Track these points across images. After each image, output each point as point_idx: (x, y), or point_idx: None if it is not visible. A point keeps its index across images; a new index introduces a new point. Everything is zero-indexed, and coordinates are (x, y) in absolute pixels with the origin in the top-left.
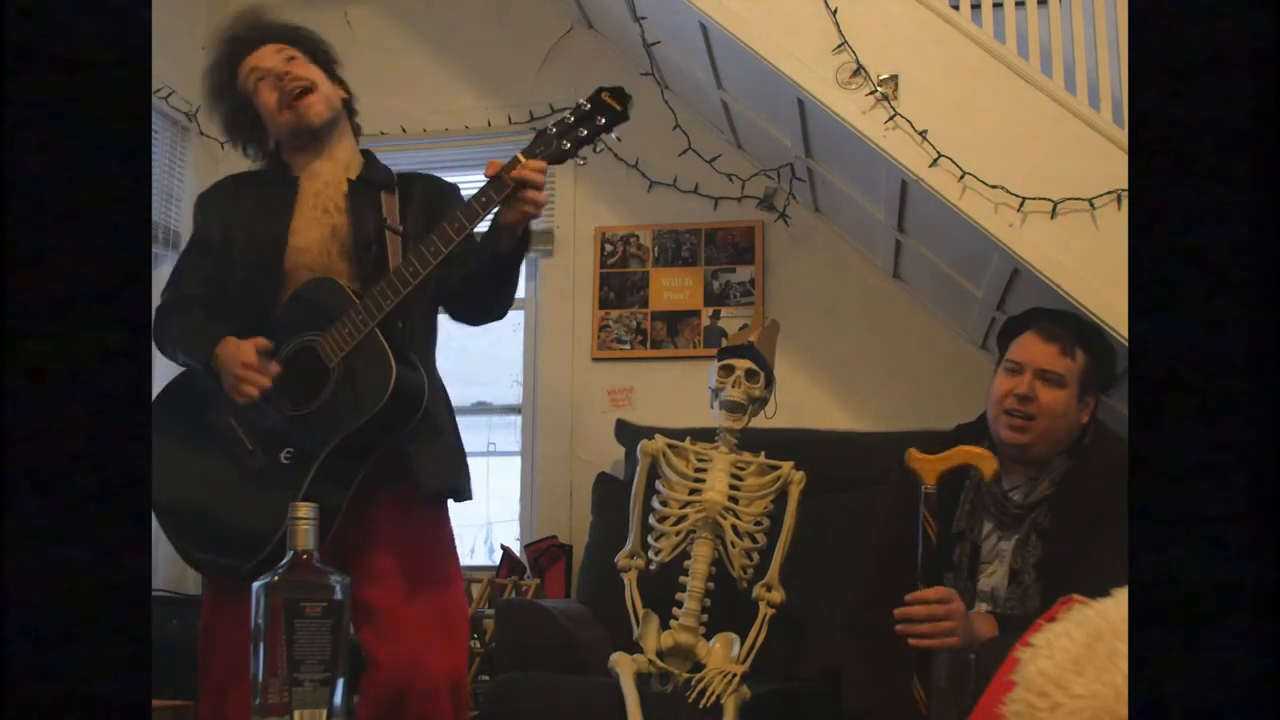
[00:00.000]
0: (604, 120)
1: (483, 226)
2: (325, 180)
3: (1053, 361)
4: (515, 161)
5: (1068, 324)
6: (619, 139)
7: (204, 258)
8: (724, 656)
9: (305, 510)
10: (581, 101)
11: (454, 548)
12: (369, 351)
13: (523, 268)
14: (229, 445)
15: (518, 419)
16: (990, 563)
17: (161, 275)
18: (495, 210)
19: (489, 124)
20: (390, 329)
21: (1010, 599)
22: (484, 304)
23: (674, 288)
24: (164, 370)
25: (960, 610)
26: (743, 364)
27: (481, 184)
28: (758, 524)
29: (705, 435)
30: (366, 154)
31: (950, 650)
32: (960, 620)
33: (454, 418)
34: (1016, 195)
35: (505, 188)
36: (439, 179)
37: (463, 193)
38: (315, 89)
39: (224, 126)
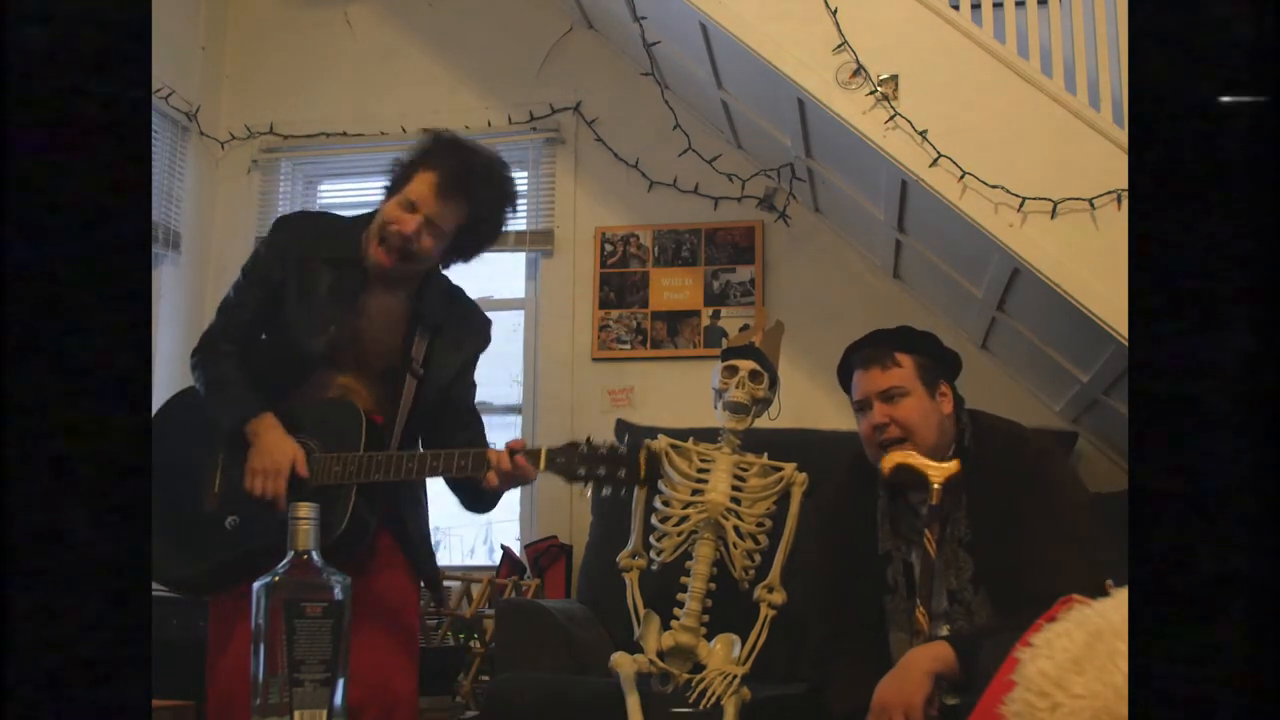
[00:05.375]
0: (624, 474)
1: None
2: (394, 287)
3: (880, 381)
4: (534, 453)
5: (876, 341)
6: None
7: (260, 291)
8: (725, 657)
9: (306, 510)
10: (621, 446)
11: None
12: (340, 496)
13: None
14: (200, 473)
15: (518, 419)
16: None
17: (161, 275)
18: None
19: (489, 124)
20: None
21: (956, 616)
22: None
23: (674, 288)
24: (162, 376)
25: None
26: (747, 365)
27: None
28: (760, 525)
29: (708, 436)
30: (425, 277)
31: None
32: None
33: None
34: (1016, 195)
35: (504, 468)
36: (474, 319)
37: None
38: (402, 262)
39: (396, 162)
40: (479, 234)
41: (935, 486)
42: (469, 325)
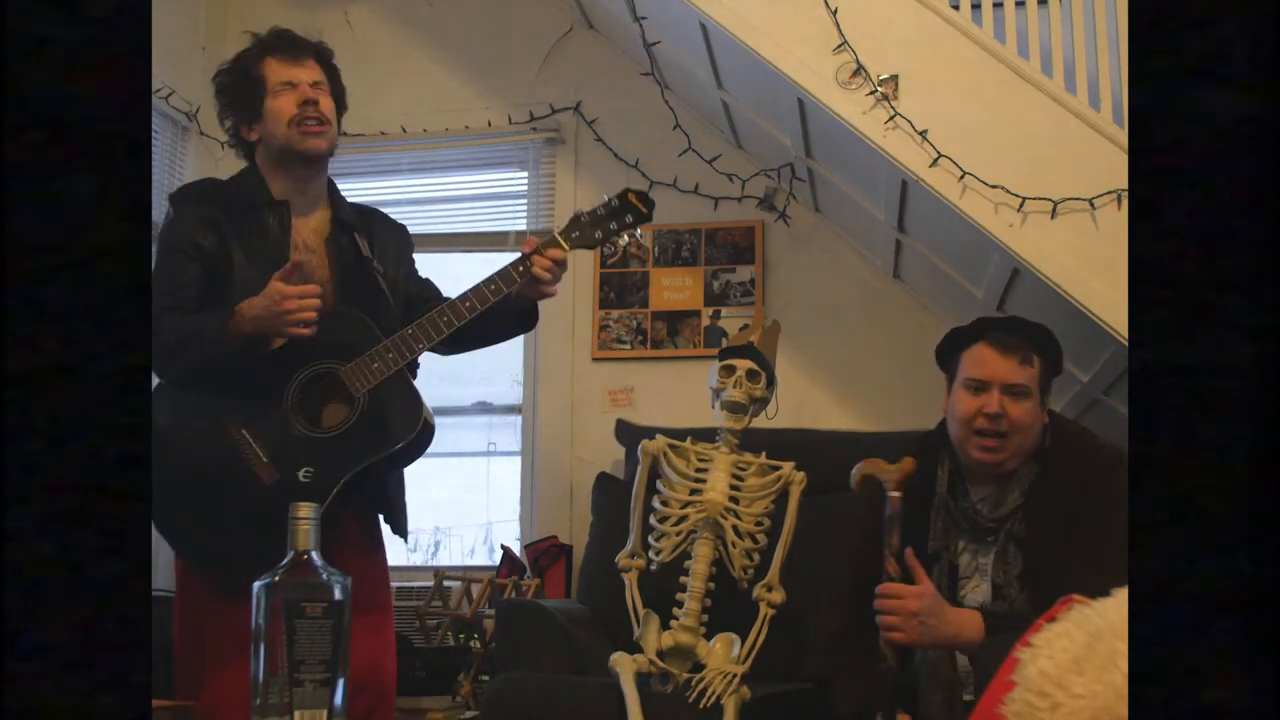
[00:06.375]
0: (630, 218)
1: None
2: (306, 216)
3: (1017, 374)
4: (552, 239)
5: (1018, 331)
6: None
7: (195, 264)
8: (724, 657)
9: (306, 510)
10: (610, 198)
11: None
12: (398, 387)
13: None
14: (237, 454)
15: (518, 419)
16: (970, 577)
17: None
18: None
19: (489, 124)
20: (408, 370)
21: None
22: (482, 345)
23: (674, 288)
24: None
25: (910, 608)
26: (744, 364)
27: (485, 182)
28: (758, 524)
29: (706, 435)
30: (330, 188)
31: (924, 650)
32: (911, 618)
33: None
34: (1016, 195)
35: (526, 268)
36: (391, 222)
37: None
38: (328, 128)
39: (221, 95)
40: (339, 84)
41: (893, 495)
42: (392, 228)
